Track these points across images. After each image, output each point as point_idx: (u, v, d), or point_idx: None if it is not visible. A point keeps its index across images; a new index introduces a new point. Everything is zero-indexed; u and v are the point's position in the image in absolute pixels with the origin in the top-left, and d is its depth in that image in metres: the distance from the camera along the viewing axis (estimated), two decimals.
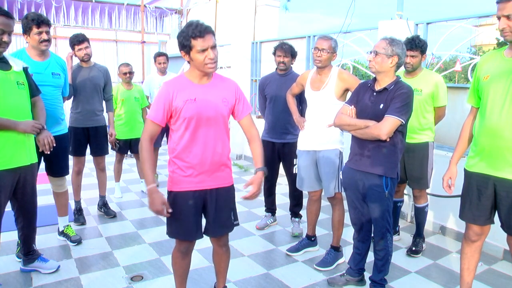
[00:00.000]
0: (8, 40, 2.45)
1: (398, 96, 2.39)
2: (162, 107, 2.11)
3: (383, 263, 2.65)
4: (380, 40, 2.50)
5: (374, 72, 2.51)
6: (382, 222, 2.57)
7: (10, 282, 2.82)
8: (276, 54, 3.67)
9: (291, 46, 3.68)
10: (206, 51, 2.03)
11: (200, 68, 2.10)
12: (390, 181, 2.51)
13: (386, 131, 2.36)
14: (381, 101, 2.46)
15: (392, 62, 2.44)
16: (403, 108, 2.38)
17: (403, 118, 2.38)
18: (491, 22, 4.91)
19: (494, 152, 2.19)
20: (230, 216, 2.32)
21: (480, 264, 3.08)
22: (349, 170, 2.66)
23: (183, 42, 2.05)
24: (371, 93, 2.54)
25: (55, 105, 3.22)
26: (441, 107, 3.28)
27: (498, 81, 2.17)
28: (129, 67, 4.78)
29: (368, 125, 2.43)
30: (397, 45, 2.44)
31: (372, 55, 2.46)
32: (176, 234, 2.27)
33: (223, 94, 2.20)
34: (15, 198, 2.68)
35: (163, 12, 11.71)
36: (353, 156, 2.64)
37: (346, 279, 2.87)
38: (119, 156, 4.80)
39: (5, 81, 2.46)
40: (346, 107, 2.63)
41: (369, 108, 2.50)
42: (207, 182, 2.20)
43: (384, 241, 2.60)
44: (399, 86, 2.45)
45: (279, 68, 3.72)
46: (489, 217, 2.31)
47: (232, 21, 7.45)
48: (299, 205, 3.89)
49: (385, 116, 2.38)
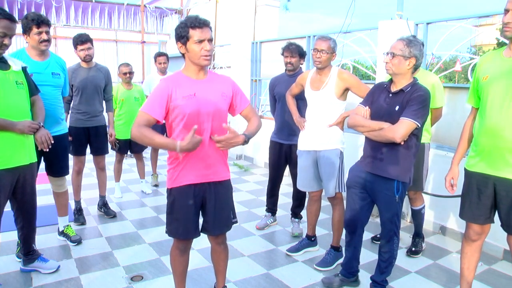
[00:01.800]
0: (8, 43, 2.46)
1: (414, 99, 2.33)
2: (159, 101, 2.09)
3: (386, 265, 2.63)
4: (397, 40, 2.43)
5: (391, 74, 2.46)
6: (390, 225, 2.54)
7: (10, 282, 2.82)
8: (284, 55, 3.66)
9: (299, 46, 3.66)
10: (203, 43, 2.05)
11: (195, 60, 2.10)
12: (402, 185, 2.46)
13: (401, 134, 2.29)
14: (397, 103, 2.40)
15: (409, 64, 2.38)
16: (419, 111, 2.30)
17: (418, 121, 2.30)
18: (491, 22, 4.91)
19: (494, 152, 2.19)
20: (229, 215, 2.33)
21: (480, 264, 3.08)
22: (360, 170, 2.61)
23: (181, 33, 2.06)
24: (386, 94, 2.49)
25: (55, 105, 3.22)
26: (437, 108, 3.26)
27: (498, 82, 2.17)
28: (129, 67, 4.78)
29: (383, 127, 2.37)
30: (415, 46, 2.37)
31: (389, 56, 2.41)
32: (175, 233, 2.27)
33: (221, 89, 2.22)
34: (15, 198, 2.68)
35: (163, 12, 11.72)
36: (365, 158, 2.58)
37: (341, 280, 2.86)
38: (119, 156, 4.80)
39: (4, 81, 2.46)
40: (361, 108, 2.57)
41: (384, 110, 2.45)
42: (206, 176, 2.21)
43: (391, 244, 2.57)
44: (416, 88, 2.39)
45: (287, 68, 3.70)
46: (489, 216, 2.31)
47: (232, 21, 7.45)
48: (301, 206, 3.88)
49: (401, 119, 2.32)
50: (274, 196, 4.04)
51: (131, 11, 11.79)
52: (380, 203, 2.54)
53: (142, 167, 5.09)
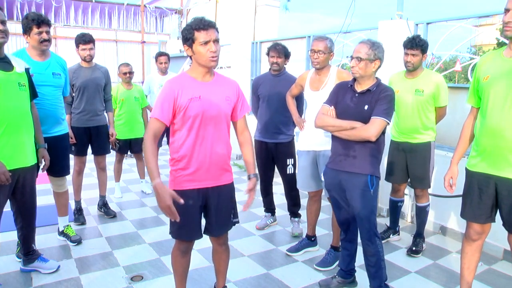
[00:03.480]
0: (3, 28, 2.42)
1: (383, 98, 2.41)
2: (167, 105, 2.08)
3: (375, 269, 2.57)
4: (359, 44, 2.50)
5: (357, 77, 2.50)
6: (368, 224, 2.52)
7: (10, 282, 2.82)
8: (270, 55, 3.67)
9: (285, 47, 3.68)
10: (208, 44, 2.05)
11: (202, 62, 2.10)
12: (376, 179, 2.52)
13: (375, 133, 2.37)
14: (365, 103, 2.46)
15: (375, 66, 2.46)
16: (389, 109, 2.41)
17: (388, 119, 2.41)
18: (491, 22, 4.91)
19: (495, 152, 2.20)
20: (230, 216, 2.34)
21: (480, 264, 3.08)
22: (332, 171, 2.63)
23: (187, 35, 2.07)
24: (352, 94, 2.54)
25: (56, 105, 3.22)
26: (442, 107, 3.29)
27: (499, 82, 2.17)
28: (129, 67, 4.78)
29: (355, 127, 2.43)
30: (379, 48, 2.46)
31: (355, 61, 2.46)
32: (179, 235, 2.27)
33: (226, 93, 2.21)
34: (14, 198, 2.68)
35: (163, 12, 11.72)
36: (335, 157, 2.61)
37: (338, 281, 2.85)
38: (119, 156, 4.80)
39: (6, 83, 2.45)
40: (326, 107, 2.60)
41: (351, 109, 2.50)
42: (209, 180, 2.21)
43: (374, 246, 2.53)
44: (382, 88, 2.47)
45: (273, 68, 3.71)
46: (490, 215, 2.31)
47: (232, 21, 7.45)
48: (297, 205, 3.88)
49: (373, 118, 2.39)
50: (269, 196, 4.04)
51: (131, 11, 11.79)
52: (356, 201, 2.53)
53: (142, 167, 5.09)
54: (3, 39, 2.45)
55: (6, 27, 2.47)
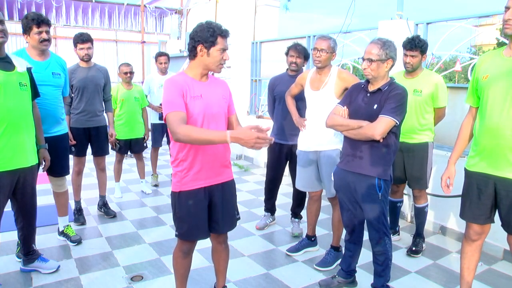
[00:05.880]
0: (1, 28, 2.43)
1: (392, 97, 2.37)
2: (179, 97, 2.05)
3: (383, 268, 2.58)
4: (370, 44, 2.44)
5: (370, 78, 2.47)
6: (378, 225, 2.50)
7: (10, 282, 2.82)
8: (289, 54, 3.64)
9: (305, 48, 3.66)
10: (225, 52, 2.15)
11: (212, 65, 2.15)
12: (384, 183, 2.46)
13: (380, 131, 2.33)
14: (375, 102, 2.43)
15: (387, 66, 2.42)
16: (397, 108, 2.34)
17: (397, 118, 2.34)
18: (491, 22, 4.91)
19: (494, 152, 2.19)
20: (235, 211, 2.38)
21: (480, 264, 3.08)
22: (341, 171, 2.62)
23: (209, 38, 2.09)
24: (364, 94, 2.52)
25: (56, 105, 3.22)
26: (441, 108, 3.28)
27: (498, 81, 2.17)
28: (129, 67, 4.78)
29: (362, 125, 2.40)
30: (390, 47, 2.40)
31: (366, 62, 2.41)
32: (189, 235, 2.26)
33: (221, 92, 2.27)
34: (15, 199, 2.68)
35: (163, 12, 11.72)
36: (345, 157, 2.60)
37: (338, 281, 2.85)
38: (119, 156, 4.80)
39: (7, 83, 2.45)
40: (339, 108, 2.60)
41: (362, 109, 2.48)
42: (213, 178, 2.24)
43: (383, 245, 2.53)
44: (393, 87, 2.42)
45: (291, 68, 3.67)
46: (489, 216, 2.31)
47: (232, 21, 7.44)
48: (301, 206, 3.87)
49: (380, 116, 2.35)
50: (273, 198, 4.02)
51: (131, 11, 11.79)
52: (364, 203, 2.52)
53: (142, 167, 5.09)
54: (2, 39, 2.45)
55: (4, 26, 2.47)
